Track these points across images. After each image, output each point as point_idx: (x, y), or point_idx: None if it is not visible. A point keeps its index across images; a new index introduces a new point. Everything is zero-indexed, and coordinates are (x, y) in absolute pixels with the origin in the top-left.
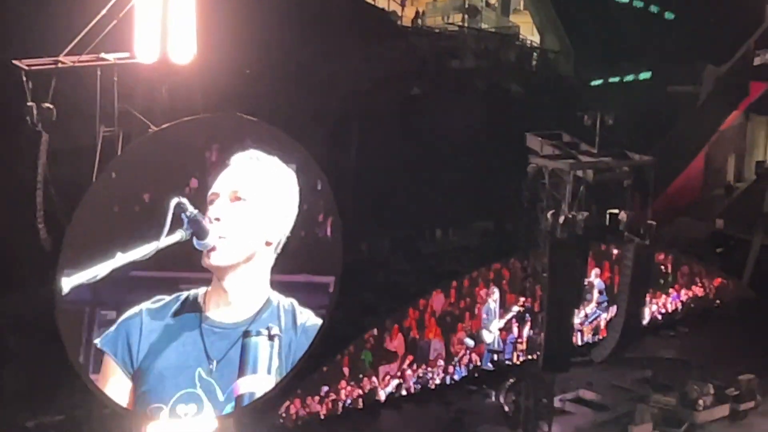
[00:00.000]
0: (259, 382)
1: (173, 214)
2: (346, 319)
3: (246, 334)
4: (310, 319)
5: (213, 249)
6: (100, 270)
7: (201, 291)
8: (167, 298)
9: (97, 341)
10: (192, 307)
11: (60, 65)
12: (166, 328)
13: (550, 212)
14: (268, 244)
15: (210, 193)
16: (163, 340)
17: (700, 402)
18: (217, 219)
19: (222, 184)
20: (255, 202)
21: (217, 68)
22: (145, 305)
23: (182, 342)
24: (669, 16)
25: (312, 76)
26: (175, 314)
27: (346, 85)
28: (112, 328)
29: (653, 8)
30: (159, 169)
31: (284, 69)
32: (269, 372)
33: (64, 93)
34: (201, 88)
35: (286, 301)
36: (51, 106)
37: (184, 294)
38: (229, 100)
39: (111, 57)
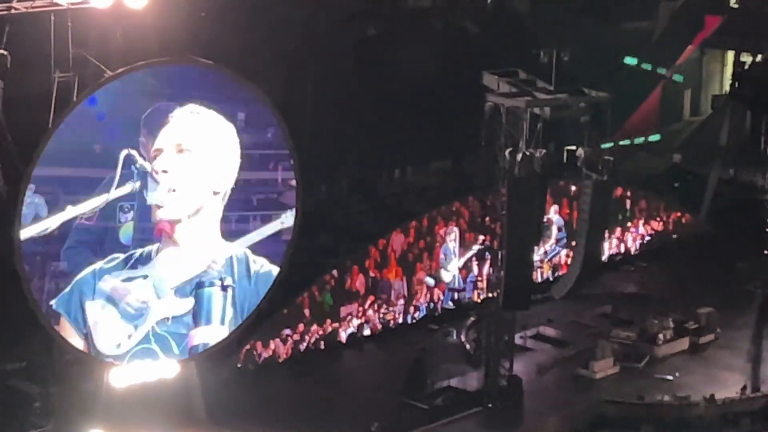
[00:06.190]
0: (212, 333)
1: (123, 165)
2: (305, 261)
3: (199, 285)
4: (264, 266)
5: (162, 204)
6: (51, 222)
7: (154, 248)
8: (121, 255)
9: (52, 302)
10: (144, 262)
11: (13, 11)
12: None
13: (508, 150)
14: (215, 194)
15: (153, 149)
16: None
17: (660, 336)
18: (165, 171)
19: (165, 139)
20: (199, 153)
21: (171, 12)
22: (98, 265)
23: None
24: None
25: (267, 17)
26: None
27: (302, 26)
28: (67, 288)
29: None
30: (110, 119)
31: (239, 11)
32: (222, 323)
33: (18, 39)
34: (156, 32)
35: (239, 251)
36: (5, 53)
37: (138, 251)
38: (184, 43)
39: (65, 2)
